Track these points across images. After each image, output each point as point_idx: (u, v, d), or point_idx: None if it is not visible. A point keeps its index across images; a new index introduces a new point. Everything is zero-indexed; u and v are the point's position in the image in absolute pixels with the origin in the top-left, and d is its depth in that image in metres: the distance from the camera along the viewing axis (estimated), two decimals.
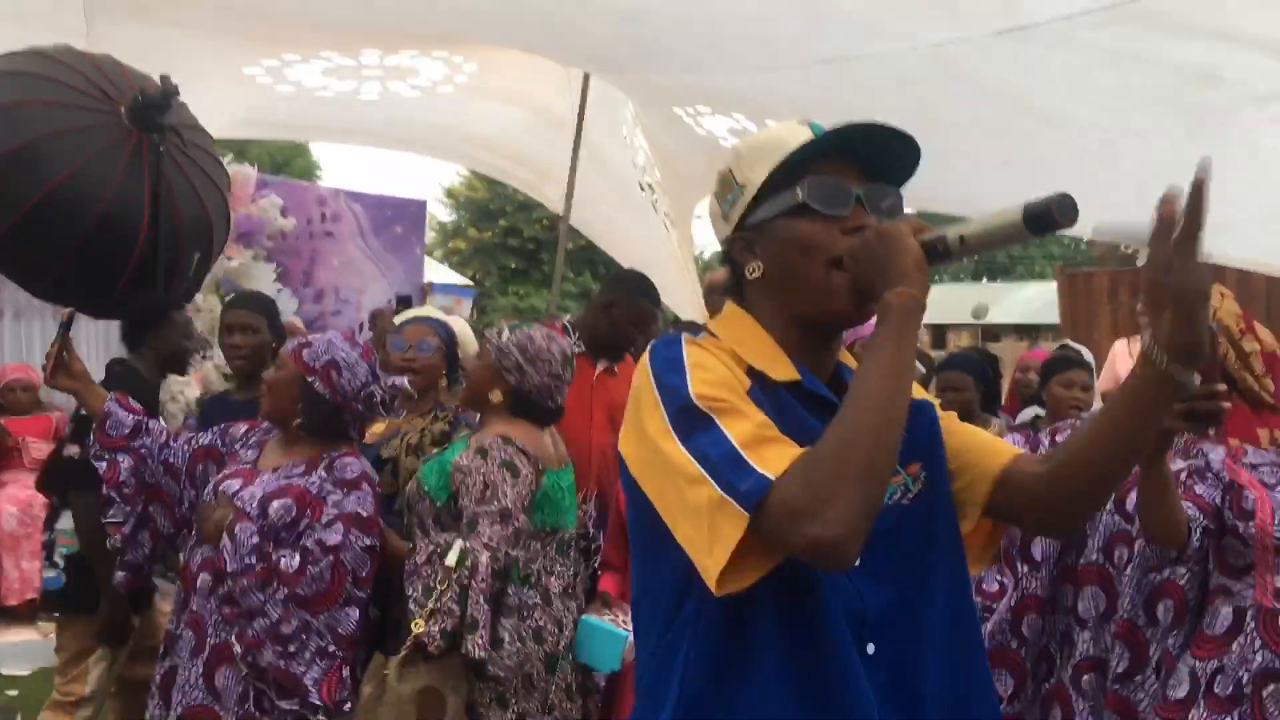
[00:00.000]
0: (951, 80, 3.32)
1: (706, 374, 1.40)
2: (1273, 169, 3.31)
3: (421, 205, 8.29)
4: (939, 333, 29.60)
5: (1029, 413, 5.22)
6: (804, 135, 1.48)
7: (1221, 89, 2.96)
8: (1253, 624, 2.40)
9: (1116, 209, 4.23)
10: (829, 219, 1.46)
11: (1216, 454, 2.57)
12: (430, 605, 2.78)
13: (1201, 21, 2.68)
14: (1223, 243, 3.96)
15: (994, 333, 30.93)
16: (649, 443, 1.39)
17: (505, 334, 3.17)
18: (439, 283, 9.80)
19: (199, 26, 4.84)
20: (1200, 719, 2.41)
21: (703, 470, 1.32)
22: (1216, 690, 2.41)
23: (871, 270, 1.40)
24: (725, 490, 1.29)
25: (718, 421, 1.34)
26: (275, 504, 2.83)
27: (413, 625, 2.77)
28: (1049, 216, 1.34)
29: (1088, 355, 5.39)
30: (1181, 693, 2.47)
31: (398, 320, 4.27)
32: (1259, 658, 2.37)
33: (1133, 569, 2.63)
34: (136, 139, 3.60)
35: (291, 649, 2.71)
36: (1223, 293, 2.79)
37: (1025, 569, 2.87)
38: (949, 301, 34.54)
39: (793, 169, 1.47)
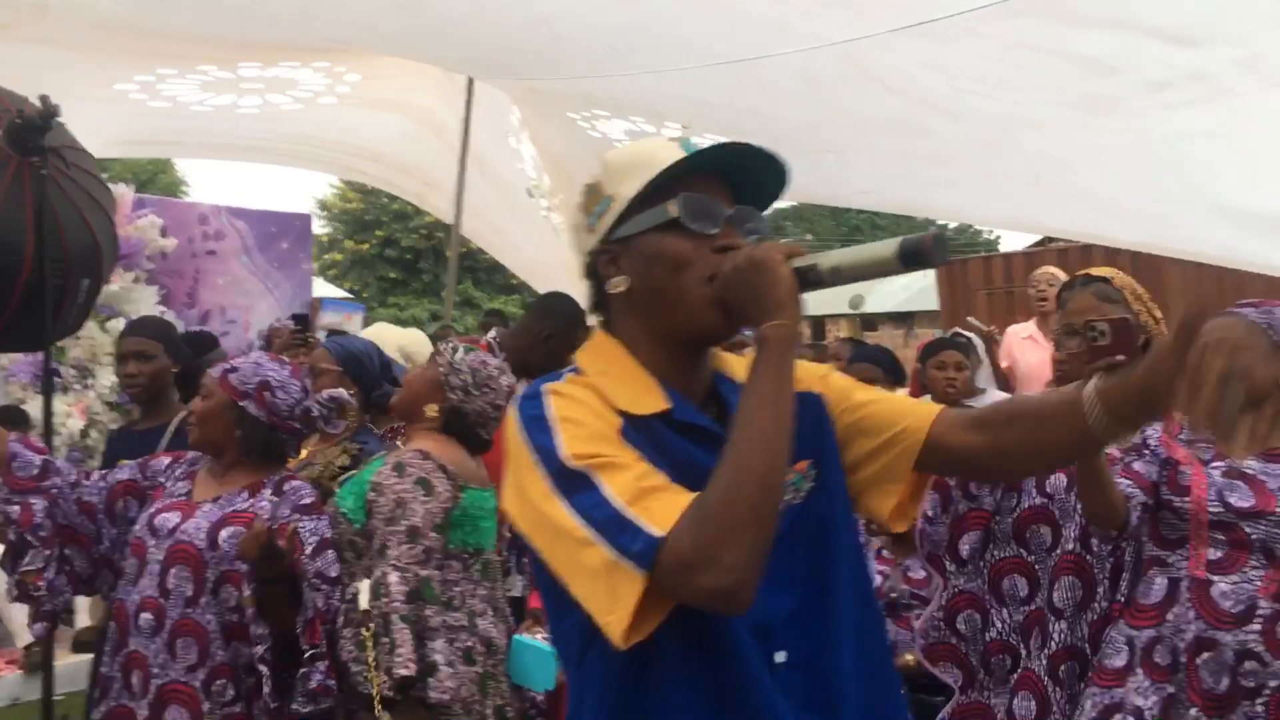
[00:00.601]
0: (854, 77, 3.36)
1: (576, 429, 1.38)
2: (1164, 154, 3.44)
3: (307, 219, 8.09)
4: (817, 323, 30.14)
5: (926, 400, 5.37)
6: (677, 152, 1.47)
7: (1115, 77, 3.06)
8: (1187, 595, 2.47)
9: (1014, 198, 4.38)
10: (700, 236, 1.46)
11: (1154, 431, 2.64)
12: (371, 658, 2.73)
13: (1096, 12, 2.75)
14: (1116, 226, 4.12)
15: (871, 322, 31.64)
16: (532, 505, 1.37)
17: (460, 353, 3.11)
18: (327, 297, 9.56)
19: (66, 43, 4.62)
20: (1139, 686, 2.48)
21: (591, 533, 1.30)
22: (1155, 659, 2.48)
23: (745, 296, 1.41)
24: (617, 552, 1.28)
25: (597, 480, 1.33)
26: (224, 533, 2.75)
27: (367, 682, 2.73)
28: (923, 255, 1.38)
29: (977, 342, 5.56)
30: (1120, 661, 2.53)
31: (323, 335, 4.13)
32: (1193, 627, 2.45)
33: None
34: (16, 164, 3.41)
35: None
36: (1115, 271, 2.89)
37: (953, 567, 2.91)
38: (826, 292, 35.22)
39: (664, 184, 1.45)
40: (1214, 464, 2.52)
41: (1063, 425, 1.45)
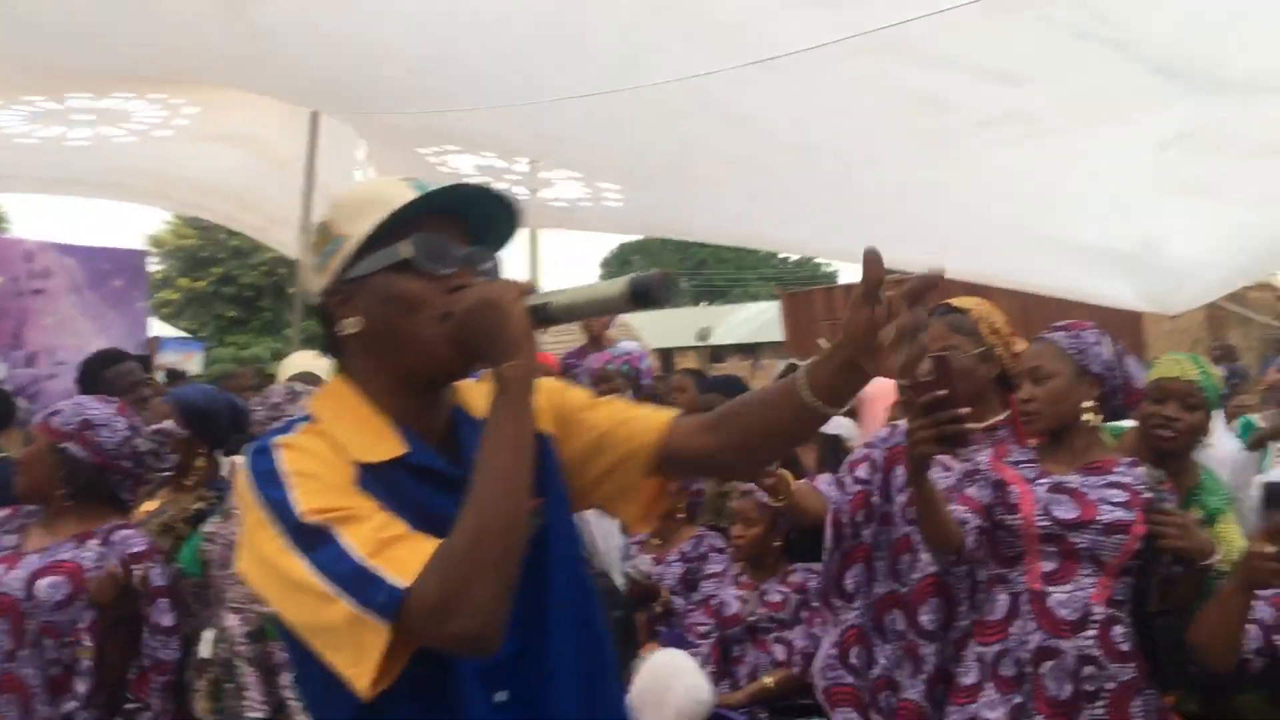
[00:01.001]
0: (704, 112, 3.44)
1: (310, 482, 1.37)
2: (996, 189, 3.63)
3: (141, 256, 7.78)
4: (666, 355, 30.49)
5: None
6: (409, 192, 1.48)
7: (948, 115, 3.21)
8: (1027, 607, 2.59)
9: (855, 232, 4.53)
10: (434, 276, 1.47)
11: (984, 456, 2.76)
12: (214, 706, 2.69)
13: (930, 51, 2.89)
14: (954, 257, 4.31)
15: (718, 354, 32.18)
16: (268, 563, 1.35)
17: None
18: (166, 337, 9.19)
19: None
20: (989, 700, 2.58)
21: (332, 588, 1.29)
22: (1002, 671, 2.58)
23: (480, 336, 1.42)
24: (360, 606, 1.28)
25: (336, 534, 1.32)
26: (42, 583, 2.63)
27: None
28: (651, 294, 1.43)
29: None
30: (971, 679, 2.63)
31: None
32: (1035, 638, 2.56)
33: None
34: None
35: None
36: (979, 303, 3.03)
37: (840, 602, 2.98)
38: (674, 325, 35.68)
39: (398, 224, 1.46)
40: (1039, 481, 2.65)
41: (784, 409, 1.53)
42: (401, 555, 1.30)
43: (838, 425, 5.75)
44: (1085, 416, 2.68)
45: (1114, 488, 2.60)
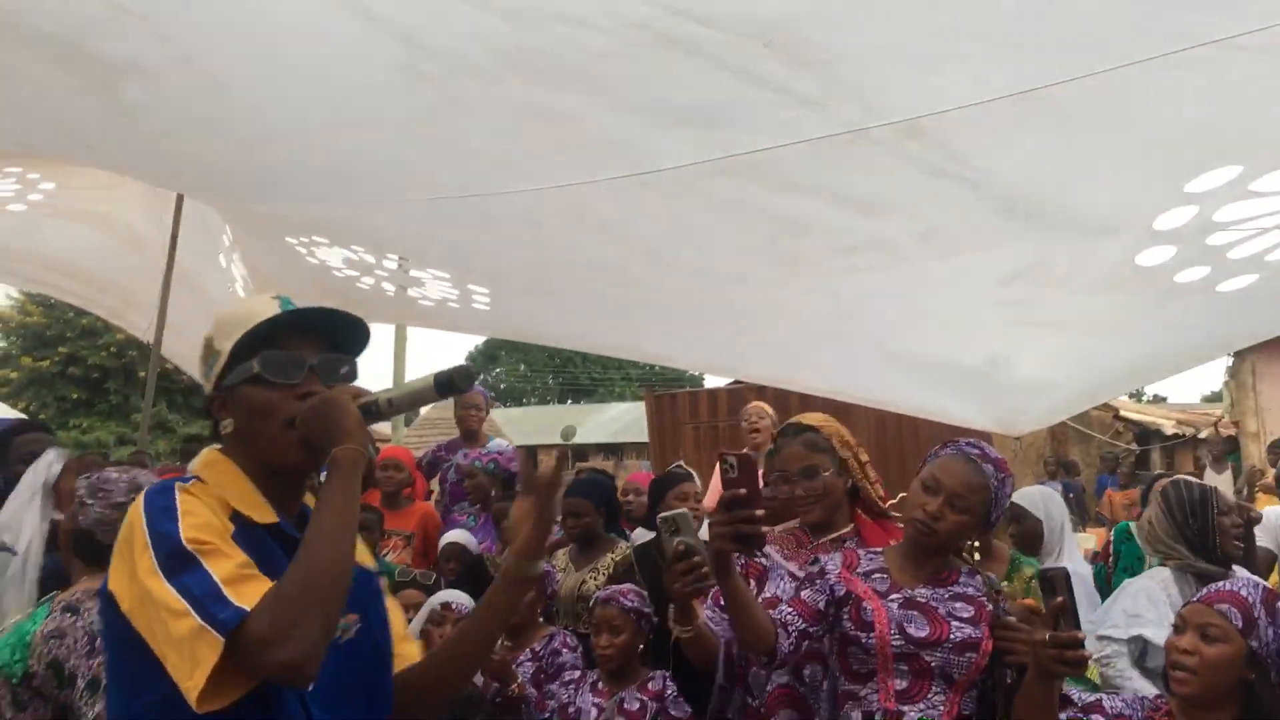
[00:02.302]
0: (576, 221, 3.48)
1: (196, 519, 1.63)
2: (852, 310, 3.75)
3: None
4: (531, 452, 30.24)
5: (641, 534, 5.42)
6: (273, 309, 1.79)
7: (811, 238, 3.33)
8: None
9: (718, 346, 4.64)
10: (282, 386, 1.77)
11: (834, 562, 2.79)
12: None
13: (794, 177, 3.00)
14: (809, 375, 4.43)
15: (582, 452, 32.08)
16: (139, 582, 1.57)
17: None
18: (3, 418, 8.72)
19: None
20: None
21: (186, 604, 1.52)
22: None
23: (319, 430, 1.73)
24: (204, 620, 1.51)
25: (203, 562, 1.57)
26: None
27: None
28: (454, 383, 1.78)
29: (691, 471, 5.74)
30: None
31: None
32: None
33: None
34: None
35: None
36: (825, 419, 3.12)
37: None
38: (539, 422, 35.55)
39: (257, 340, 1.78)
40: (890, 596, 2.68)
41: (484, 622, 1.97)
42: (251, 590, 1.55)
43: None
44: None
45: (959, 600, 2.66)
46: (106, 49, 2.92)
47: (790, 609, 2.64)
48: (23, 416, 17.73)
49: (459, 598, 4.17)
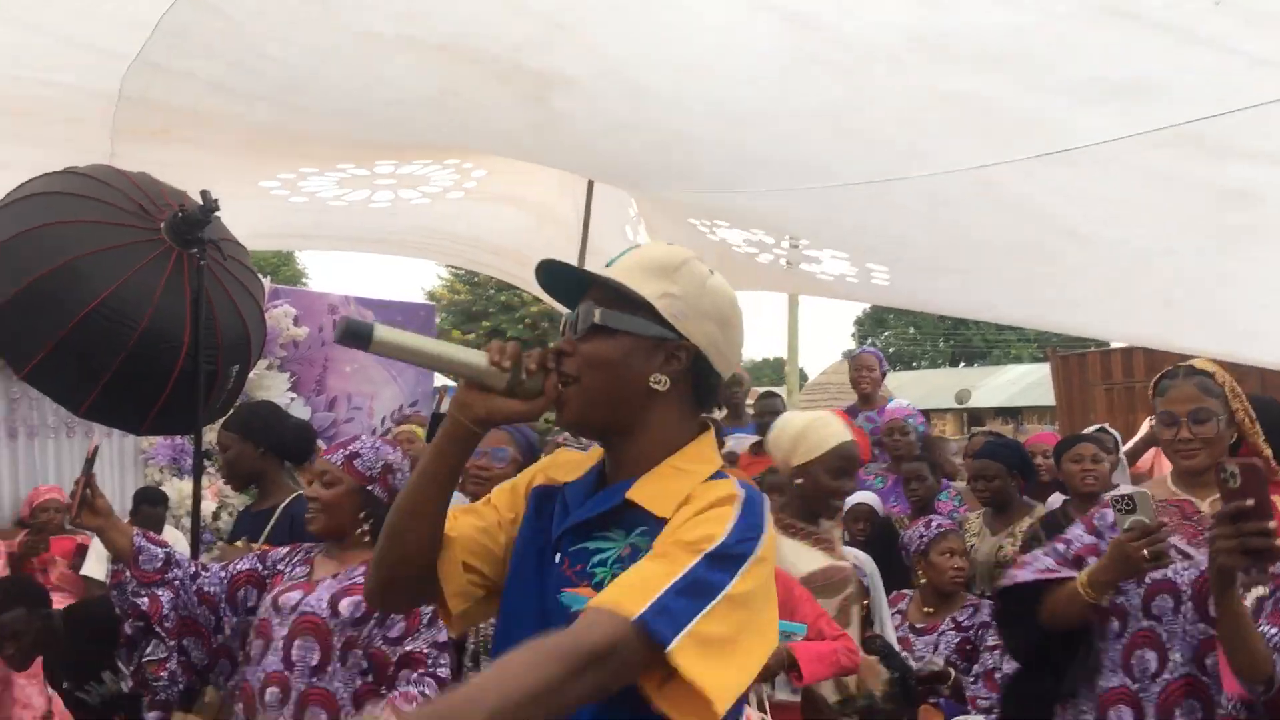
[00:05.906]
0: (983, 202, 3.37)
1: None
2: None
3: (430, 309, 8.34)
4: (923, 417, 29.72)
5: (1057, 499, 5.16)
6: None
7: (1258, 209, 3.02)
8: None
9: (1141, 318, 4.31)
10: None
11: None
12: None
13: (1253, 145, 2.73)
14: (1255, 347, 4.02)
15: (978, 417, 31.07)
16: None
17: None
18: (452, 385, 9.76)
19: (217, 146, 4.89)
20: None
21: None
22: None
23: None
24: None
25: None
26: (345, 602, 2.90)
27: None
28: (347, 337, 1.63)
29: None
30: None
31: None
32: None
33: None
34: (176, 254, 3.63)
35: None
36: (1218, 366, 2.88)
37: None
38: (931, 385, 34.73)
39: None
40: None
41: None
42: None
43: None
44: None
45: None
46: (538, 62, 3.17)
47: (1274, 628, 2.44)
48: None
49: None
